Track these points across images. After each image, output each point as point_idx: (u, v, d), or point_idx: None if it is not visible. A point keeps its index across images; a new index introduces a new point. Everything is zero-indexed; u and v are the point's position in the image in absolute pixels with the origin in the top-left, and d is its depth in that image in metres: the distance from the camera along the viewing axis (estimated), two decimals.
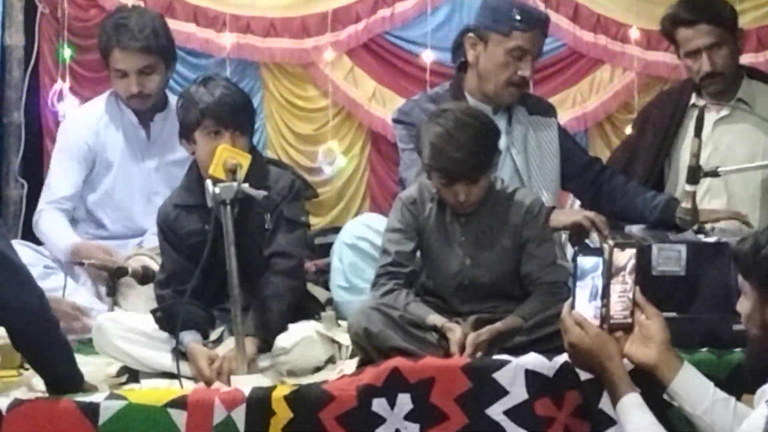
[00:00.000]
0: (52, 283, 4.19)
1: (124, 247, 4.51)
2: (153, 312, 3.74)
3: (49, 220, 4.54)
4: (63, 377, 3.32)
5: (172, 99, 4.66)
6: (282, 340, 3.65)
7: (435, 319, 3.53)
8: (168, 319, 3.68)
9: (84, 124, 4.66)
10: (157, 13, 4.81)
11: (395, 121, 4.37)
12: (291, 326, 3.71)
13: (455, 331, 3.46)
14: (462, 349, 3.42)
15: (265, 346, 3.64)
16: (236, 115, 3.80)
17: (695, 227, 3.83)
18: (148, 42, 4.54)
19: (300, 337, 3.65)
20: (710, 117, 4.41)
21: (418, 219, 3.70)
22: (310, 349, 3.66)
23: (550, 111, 4.44)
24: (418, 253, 3.74)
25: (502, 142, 3.86)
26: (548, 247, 3.70)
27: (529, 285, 3.64)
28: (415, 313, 3.54)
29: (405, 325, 3.48)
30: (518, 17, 4.20)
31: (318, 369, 3.66)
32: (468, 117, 3.61)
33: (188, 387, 3.47)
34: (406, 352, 3.42)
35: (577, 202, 4.64)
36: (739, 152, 4.39)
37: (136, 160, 4.63)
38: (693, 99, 4.50)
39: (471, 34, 4.26)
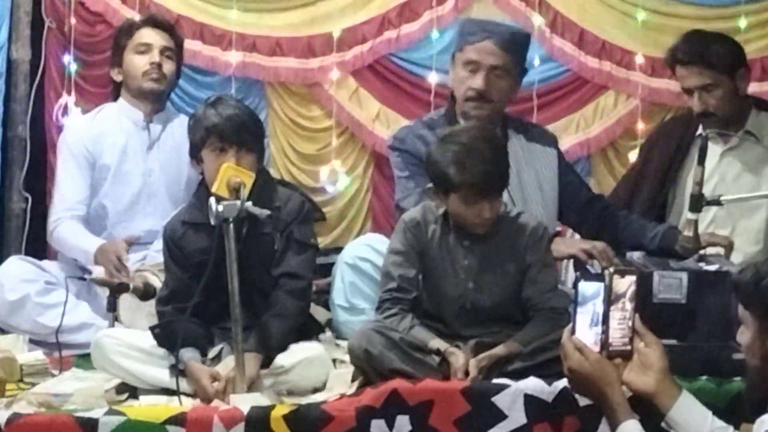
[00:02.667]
0: (53, 299, 4.20)
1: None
2: (152, 329, 3.73)
3: (67, 228, 4.53)
4: None
5: (172, 109, 4.79)
6: (282, 360, 3.65)
7: (437, 343, 3.52)
8: (166, 336, 3.68)
9: (82, 129, 4.70)
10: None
11: (390, 148, 4.36)
12: (292, 346, 3.72)
13: (458, 357, 3.46)
14: (464, 374, 3.42)
15: (267, 362, 3.64)
16: (240, 132, 3.81)
17: (697, 255, 3.83)
18: (174, 29, 4.78)
19: (300, 358, 3.65)
20: (717, 148, 4.42)
21: (420, 242, 3.69)
22: (310, 370, 3.66)
23: (550, 141, 4.41)
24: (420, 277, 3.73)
25: None
26: (550, 273, 3.70)
27: (530, 310, 3.64)
28: (418, 338, 3.54)
29: (405, 348, 3.48)
30: (468, 30, 4.26)
31: (317, 390, 3.65)
32: (481, 132, 3.64)
33: (187, 404, 3.47)
34: (405, 374, 3.42)
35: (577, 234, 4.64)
36: (745, 183, 4.39)
37: (137, 162, 4.65)
38: (700, 129, 4.49)
39: (449, 58, 4.32)
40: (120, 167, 4.62)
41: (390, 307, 3.64)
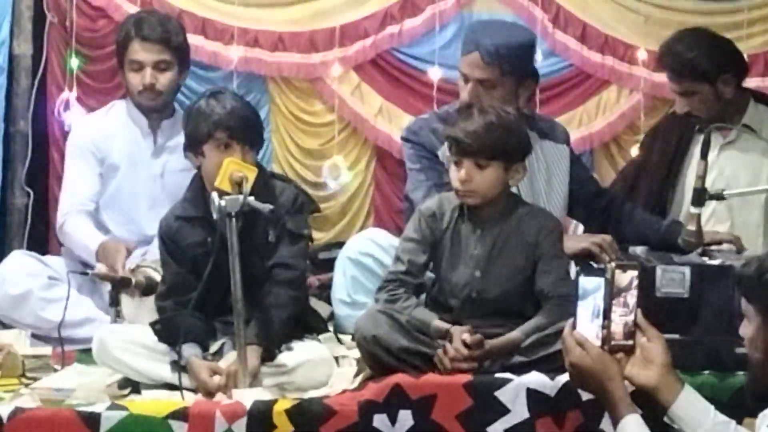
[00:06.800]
0: (56, 294, 4.20)
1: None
2: (152, 324, 3.74)
3: (75, 223, 4.50)
4: None
5: (180, 110, 4.70)
6: (286, 359, 3.65)
7: (440, 324, 3.51)
8: (167, 332, 3.68)
9: (92, 127, 4.68)
10: (175, 17, 4.88)
11: (404, 139, 4.33)
12: (295, 345, 3.72)
13: (458, 330, 3.45)
14: (462, 344, 3.42)
15: (267, 355, 3.64)
16: (248, 128, 3.81)
17: (700, 249, 3.82)
18: (168, 36, 4.60)
19: (304, 358, 3.65)
20: (716, 141, 4.39)
21: (434, 232, 3.67)
22: (314, 372, 3.66)
23: (562, 137, 4.39)
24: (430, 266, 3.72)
25: None
26: (561, 263, 3.66)
27: (542, 300, 3.59)
28: (421, 318, 3.53)
29: (412, 330, 3.48)
30: (465, 39, 4.22)
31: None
32: (499, 109, 3.66)
33: (189, 399, 3.47)
34: (414, 352, 3.43)
35: (581, 227, 4.63)
36: (744, 177, 4.39)
37: (142, 166, 4.63)
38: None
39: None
40: (128, 170, 4.61)
41: (393, 289, 3.61)
